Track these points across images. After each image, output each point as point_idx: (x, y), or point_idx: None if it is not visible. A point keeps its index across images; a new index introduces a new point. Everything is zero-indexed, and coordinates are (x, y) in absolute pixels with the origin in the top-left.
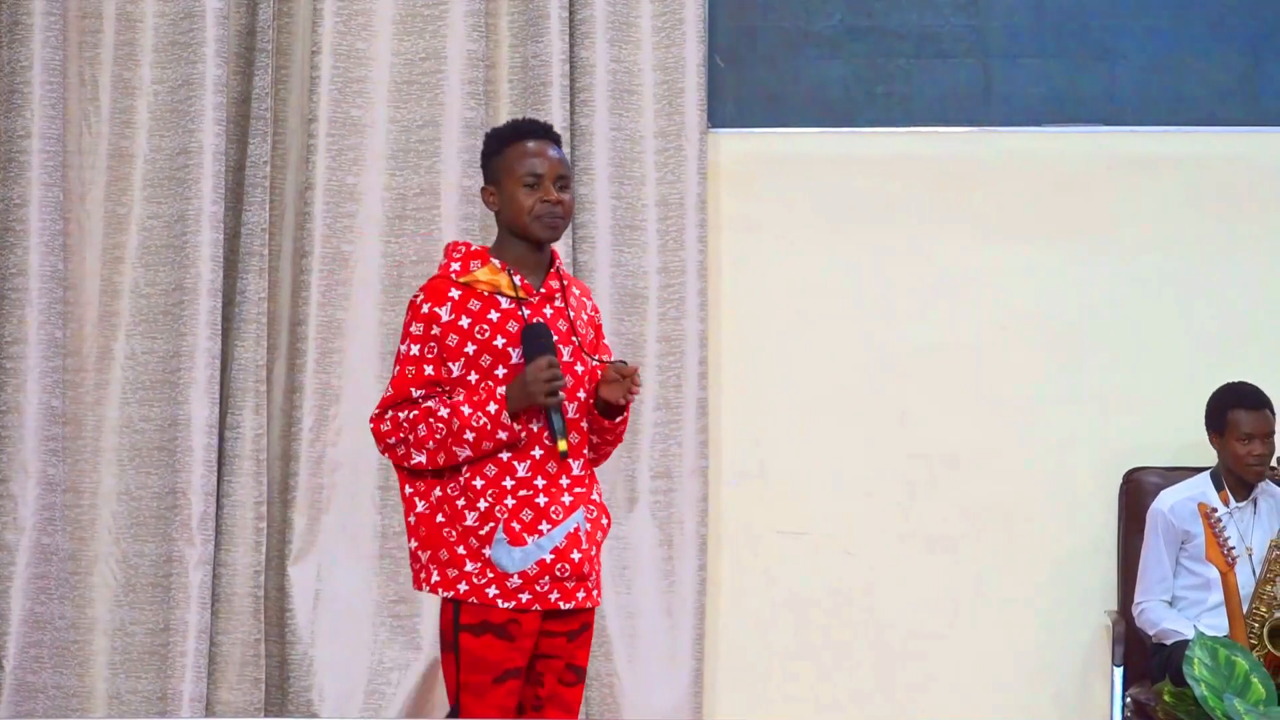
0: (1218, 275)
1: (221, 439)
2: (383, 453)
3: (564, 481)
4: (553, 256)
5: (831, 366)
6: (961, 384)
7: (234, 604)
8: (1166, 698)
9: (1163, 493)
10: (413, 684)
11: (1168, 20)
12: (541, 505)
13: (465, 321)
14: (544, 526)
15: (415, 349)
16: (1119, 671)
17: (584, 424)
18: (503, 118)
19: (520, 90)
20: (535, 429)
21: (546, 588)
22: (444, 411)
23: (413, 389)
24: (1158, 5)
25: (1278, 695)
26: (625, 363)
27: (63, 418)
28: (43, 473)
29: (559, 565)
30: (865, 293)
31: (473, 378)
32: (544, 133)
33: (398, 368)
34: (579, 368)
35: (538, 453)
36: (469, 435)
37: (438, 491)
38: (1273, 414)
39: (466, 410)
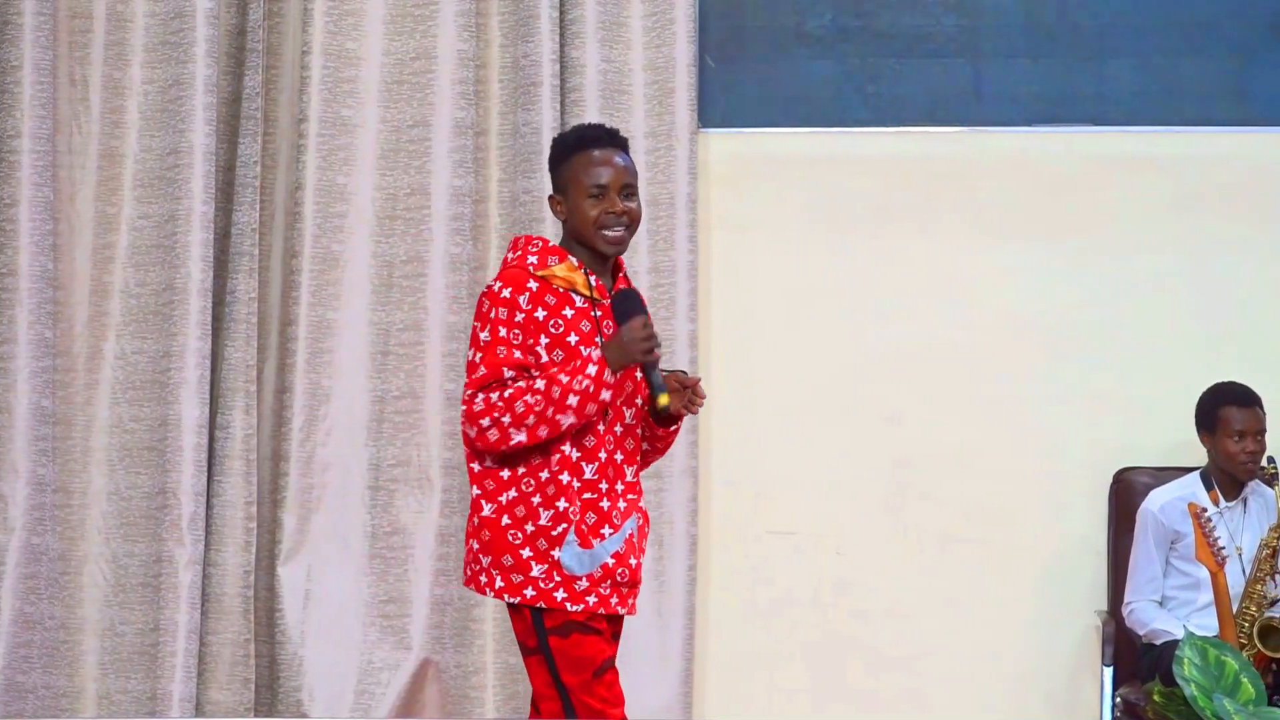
0: (1208, 275)
1: (211, 439)
2: (475, 439)
3: (619, 487)
4: (618, 262)
5: (822, 367)
6: (952, 384)
7: (224, 604)
8: (1156, 697)
9: (1153, 492)
10: (403, 684)
11: (1158, 21)
12: (605, 509)
13: (541, 314)
14: (605, 530)
15: (503, 331)
16: (1109, 671)
17: (639, 430)
18: (493, 118)
19: (511, 90)
20: (600, 430)
21: (608, 592)
22: (540, 384)
23: (505, 369)
24: (1148, 5)
25: (1268, 695)
26: (685, 373)
27: (53, 418)
28: (33, 473)
29: (619, 570)
30: (855, 293)
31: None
32: (610, 139)
33: (482, 353)
34: (639, 374)
35: (603, 455)
36: (572, 400)
37: (511, 493)
38: (1263, 412)
39: (565, 378)
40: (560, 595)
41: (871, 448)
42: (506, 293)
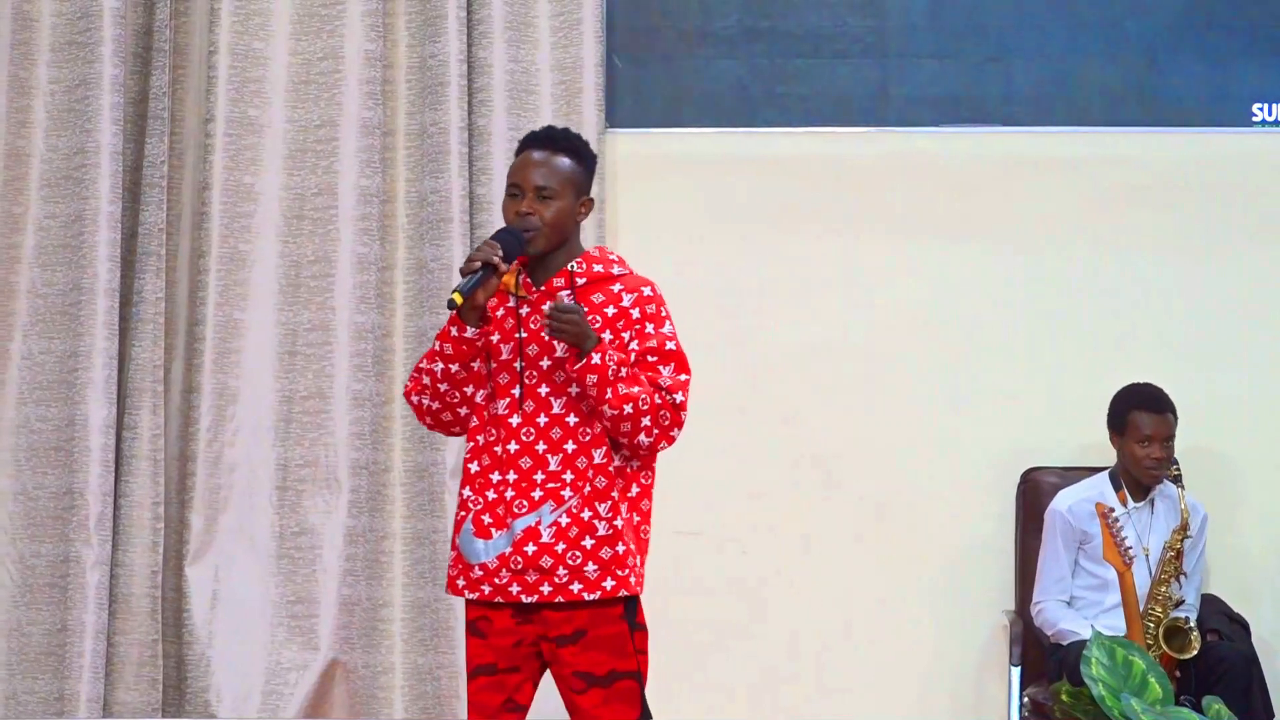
0: (1117, 275)
1: (119, 439)
2: (419, 419)
3: (538, 476)
4: (583, 258)
5: (729, 366)
6: (858, 383)
7: (131, 604)
8: (1064, 697)
9: (1061, 492)
10: (311, 684)
11: (1063, 22)
12: (509, 499)
13: (501, 313)
14: (509, 520)
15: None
16: (1016, 671)
17: (572, 419)
18: (400, 118)
19: (418, 90)
20: (514, 423)
21: (505, 580)
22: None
23: (426, 357)
24: (1053, 7)
25: (1175, 694)
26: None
27: None
28: None
29: (514, 557)
30: (762, 293)
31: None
32: (545, 142)
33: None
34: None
35: (514, 446)
36: (437, 344)
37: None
38: (1174, 417)
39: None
40: (461, 582)
41: (778, 447)
42: None
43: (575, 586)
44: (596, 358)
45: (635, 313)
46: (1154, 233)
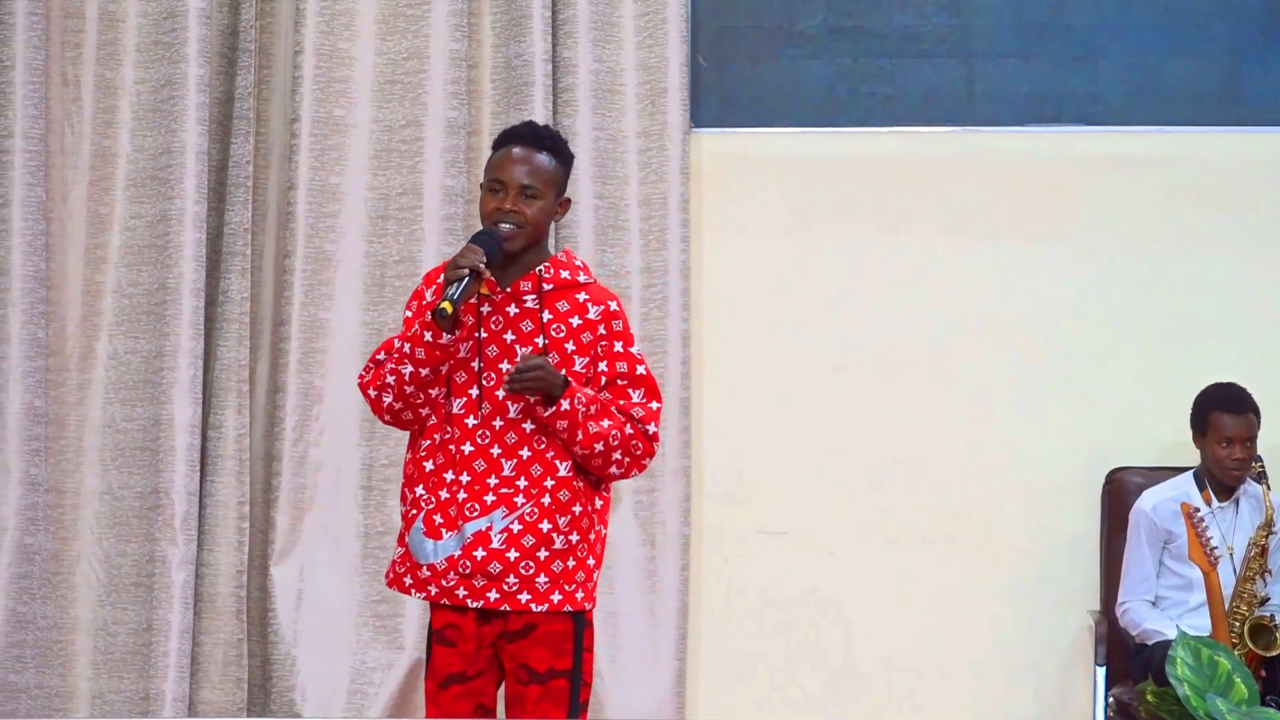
0: (1200, 275)
1: (204, 439)
2: (373, 412)
3: (490, 481)
4: (551, 263)
5: (813, 366)
6: (945, 384)
7: (216, 604)
8: (1149, 697)
9: (1145, 492)
10: (395, 684)
11: (1150, 20)
12: (461, 501)
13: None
14: (460, 522)
15: (407, 314)
16: (1101, 671)
17: (530, 427)
18: (485, 118)
19: (503, 90)
20: (470, 425)
21: (452, 583)
22: (397, 343)
23: (385, 349)
24: (1140, 5)
25: (1260, 694)
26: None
27: (45, 418)
28: (25, 472)
29: (462, 562)
30: (847, 293)
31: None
32: (530, 138)
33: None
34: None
35: (468, 448)
36: (406, 347)
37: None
38: (1257, 418)
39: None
40: (408, 580)
41: (864, 447)
42: (419, 287)
43: (523, 597)
44: (566, 404)
45: (603, 329)
46: (1238, 232)
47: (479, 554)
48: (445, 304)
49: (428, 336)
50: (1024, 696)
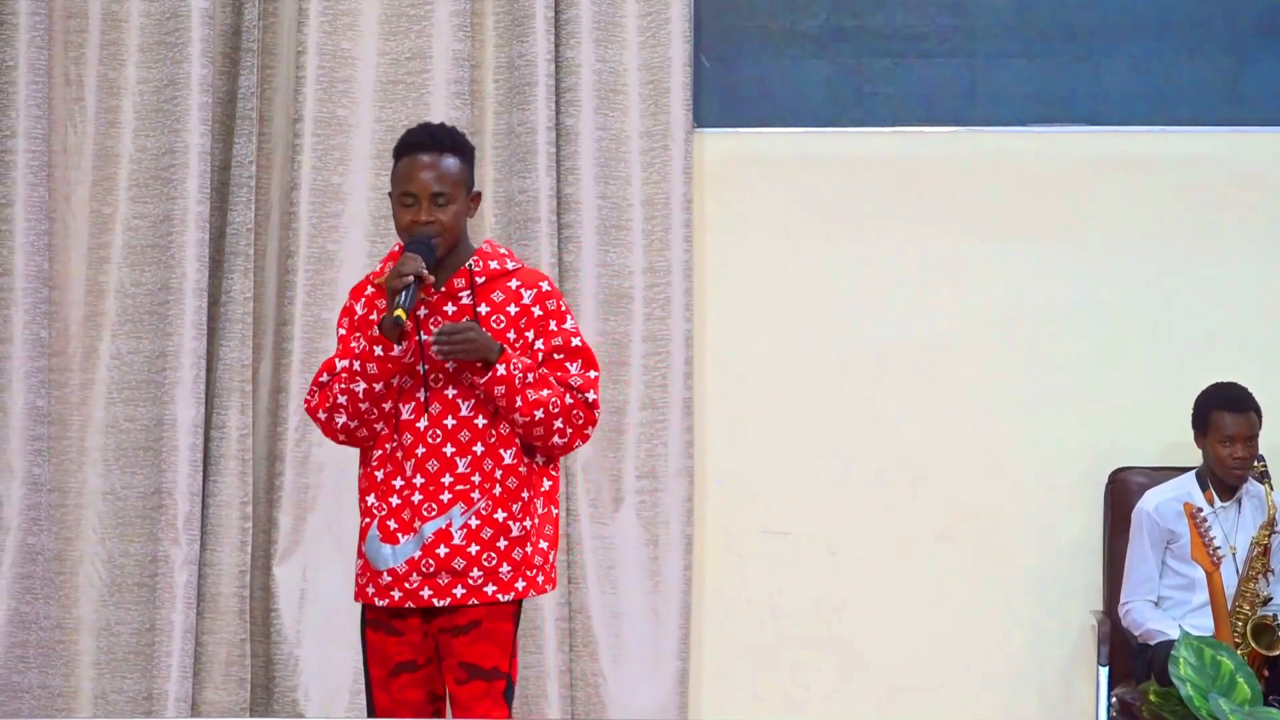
0: (1203, 275)
1: (207, 439)
2: (324, 432)
3: (446, 479)
4: (478, 256)
5: (816, 366)
6: (946, 384)
7: (219, 604)
8: (1152, 697)
9: (1148, 492)
10: None
11: (1152, 20)
12: (416, 503)
13: (374, 317)
14: (417, 524)
15: (341, 332)
16: (1104, 671)
17: (481, 421)
18: (488, 118)
19: (505, 90)
20: (421, 427)
21: (416, 584)
22: (345, 362)
23: (336, 362)
24: (1142, 5)
25: (1263, 694)
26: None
27: (48, 418)
28: (28, 473)
29: (424, 561)
30: (850, 293)
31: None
32: (431, 144)
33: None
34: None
35: (420, 450)
36: (356, 365)
37: (358, 491)
38: (1258, 417)
39: (355, 348)
40: (370, 590)
41: (866, 447)
42: (347, 301)
43: (490, 589)
44: (502, 369)
45: (537, 310)
46: (1241, 232)
47: (441, 551)
48: (399, 312)
49: (378, 351)
50: (1027, 696)
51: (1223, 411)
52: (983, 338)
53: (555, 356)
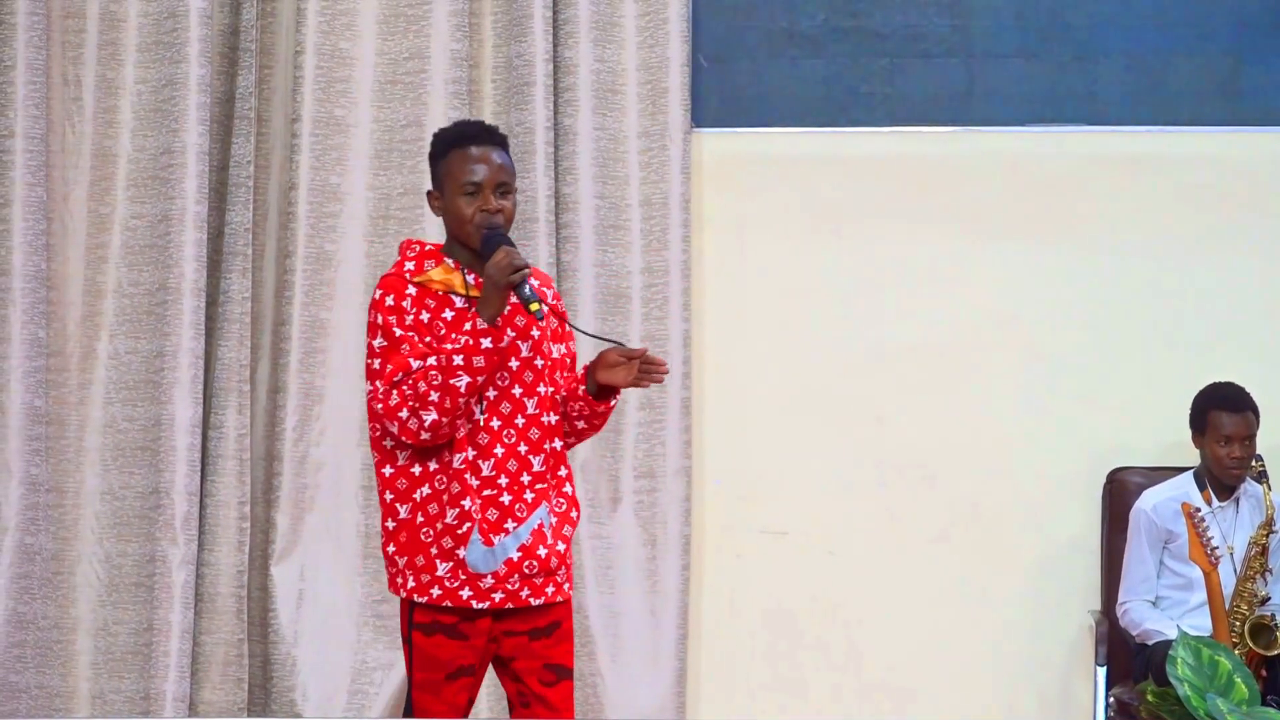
0: (1201, 274)
1: (205, 439)
2: (398, 433)
3: (525, 479)
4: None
5: (814, 366)
6: (945, 384)
7: (217, 604)
8: (1150, 697)
9: (1145, 492)
10: (396, 684)
11: (1150, 20)
12: (506, 504)
13: (425, 316)
14: (509, 525)
15: (398, 332)
16: (1102, 671)
17: (547, 419)
18: (486, 118)
19: (504, 90)
20: (495, 427)
21: (516, 585)
22: (433, 359)
23: (413, 361)
24: (1140, 5)
25: (1260, 694)
26: (621, 343)
27: (46, 418)
28: (26, 472)
29: (526, 563)
30: (848, 293)
31: None
32: (487, 136)
33: (381, 358)
34: (553, 353)
35: (500, 450)
36: (458, 360)
37: (424, 490)
38: (1255, 416)
39: (449, 346)
40: (465, 594)
41: (864, 447)
42: (389, 300)
43: (567, 586)
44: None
45: (561, 306)
46: (1239, 232)
47: (541, 552)
48: (535, 304)
49: (486, 343)
50: (1025, 696)
51: (1220, 411)
52: (980, 337)
53: (567, 360)
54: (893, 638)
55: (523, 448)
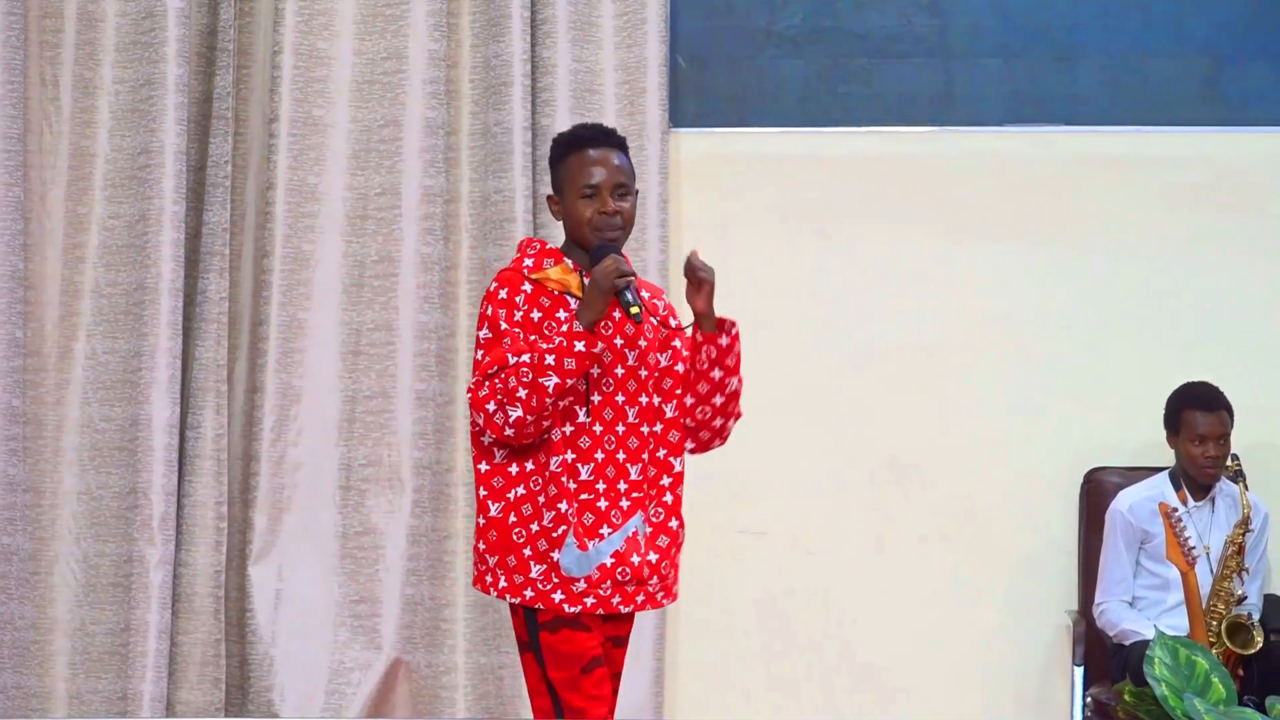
0: (1179, 275)
1: (182, 439)
2: (483, 425)
3: (622, 486)
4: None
5: (794, 366)
6: (922, 384)
7: (195, 604)
8: (1127, 697)
9: (1122, 492)
10: (373, 684)
11: (1129, 20)
12: (603, 510)
13: (536, 315)
14: (604, 530)
15: (504, 326)
16: (1079, 671)
17: (648, 429)
18: (464, 118)
19: (482, 90)
20: (597, 432)
21: (608, 592)
22: (526, 356)
23: (509, 356)
24: (1119, 5)
25: (1238, 694)
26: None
27: (23, 418)
28: (3, 473)
29: (619, 569)
30: (827, 293)
31: None
32: (604, 139)
33: (484, 350)
34: (662, 358)
35: (600, 456)
36: (550, 359)
37: (519, 490)
38: (1229, 415)
39: (544, 345)
40: (558, 597)
41: (844, 447)
42: (503, 294)
43: (661, 595)
44: (735, 328)
45: (669, 309)
46: (1219, 232)
47: (635, 559)
48: (636, 309)
49: (580, 346)
50: (1002, 696)
51: (1194, 410)
52: (957, 337)
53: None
54: (871, 637)
55: (621, 455)
